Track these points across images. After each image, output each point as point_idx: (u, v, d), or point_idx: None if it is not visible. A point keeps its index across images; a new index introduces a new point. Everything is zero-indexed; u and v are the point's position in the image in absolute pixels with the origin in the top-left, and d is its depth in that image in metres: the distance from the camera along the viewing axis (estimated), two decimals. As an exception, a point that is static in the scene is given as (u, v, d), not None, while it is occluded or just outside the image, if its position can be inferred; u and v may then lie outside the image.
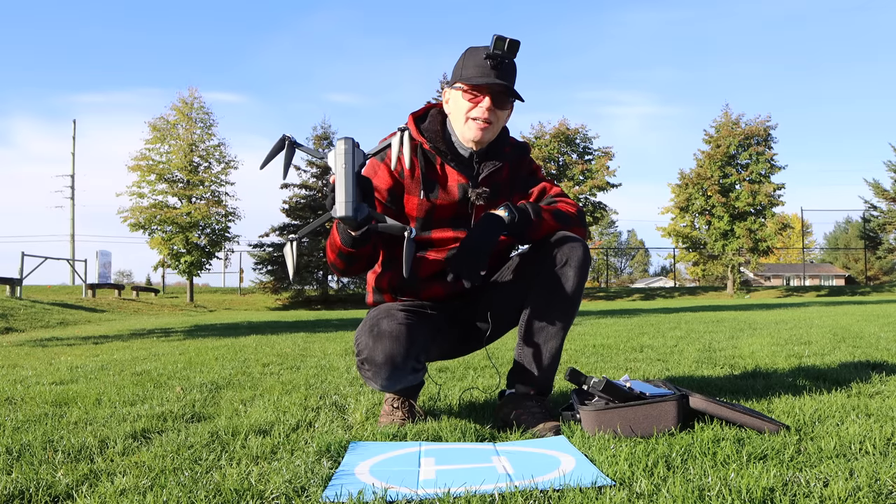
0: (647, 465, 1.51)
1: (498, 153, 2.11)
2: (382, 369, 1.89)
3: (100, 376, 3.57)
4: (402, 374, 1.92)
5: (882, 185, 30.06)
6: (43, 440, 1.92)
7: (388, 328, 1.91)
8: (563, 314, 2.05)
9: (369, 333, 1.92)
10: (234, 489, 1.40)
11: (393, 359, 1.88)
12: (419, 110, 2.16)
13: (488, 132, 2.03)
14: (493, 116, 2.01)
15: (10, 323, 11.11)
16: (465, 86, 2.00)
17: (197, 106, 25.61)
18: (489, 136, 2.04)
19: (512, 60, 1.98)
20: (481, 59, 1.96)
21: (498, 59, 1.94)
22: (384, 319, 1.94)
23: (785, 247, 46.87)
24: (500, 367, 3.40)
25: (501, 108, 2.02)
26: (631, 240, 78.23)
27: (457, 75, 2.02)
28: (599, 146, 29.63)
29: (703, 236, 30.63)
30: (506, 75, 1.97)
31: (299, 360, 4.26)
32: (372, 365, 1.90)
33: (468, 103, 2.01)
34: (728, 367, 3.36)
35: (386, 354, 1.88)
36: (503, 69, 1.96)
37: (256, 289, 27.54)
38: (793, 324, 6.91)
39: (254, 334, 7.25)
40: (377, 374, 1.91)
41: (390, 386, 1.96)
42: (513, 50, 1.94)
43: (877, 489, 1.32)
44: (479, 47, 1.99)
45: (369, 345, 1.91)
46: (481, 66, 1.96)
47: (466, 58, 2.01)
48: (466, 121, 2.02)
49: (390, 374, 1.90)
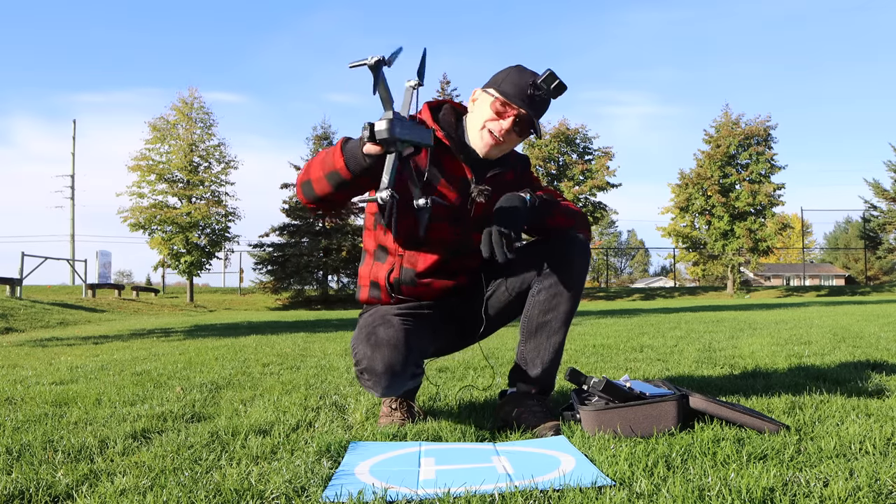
0: (647, 465, 1.51)
1: (504, 161, 2.12)
2: (382, 378, 1.88)
3: (100, 376, 3.57)
4: (402, 381, 1.92)
5: (882, 185, 30.06)
6: (43, 440, 1.92)
7: (385, 336, 1.90)
8: (565, 312, 2.05)
9: (367, 342, 1.91)
10: (234, 489, 1.40)
11: (392, 367, 1.87)
12: (434, 101, 2.15)
13: (496, 149, 2.02)
14: (507, 137, 2.00)
15: (10, 323, 11.11)
16: (499, 96, 1.98)
17: (197, 106, 25.61)
18: (495, 153, 2.04)
19: (550, 99, 1.98)
20: (525, 84, 1.95)
21: (540, 92, 1.94)
22: (381, 327, 1.93)
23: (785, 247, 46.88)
24: (499, 367, 3.40)
25: (518, 135, 2.02)
26: (631, 240, 78.28)
27: (496, 82, 2.00)
28: (599, 146, 29.64)
29: (703, 236, 30.62)
30: (538, 109, 1.97)
31: (299, 360, 4.26)
32: (372, 375, 1.89)
33: (492, 113, 1.99)
34: (728, 367, 3.36)
35: (385, 363, 1.87)
36: (539, 102, 1.96)
37: (256, 289, 27.53)
38: (793, 324, 6.91)
39: (254, 334, 7.25)
40: (377, 382, 1.90)
41: (390, 393, 1.96)
42: (558, 92, 1.94)
43: (877, 489, 1.32)
44: (529, 71, 1.98)
45: (367, 354, 1.89)
46: (523, 88, 1.95)
47: (512, 73, 1.99)
48: (483, 128, 2.00)
49: (390, 383, 1.90)
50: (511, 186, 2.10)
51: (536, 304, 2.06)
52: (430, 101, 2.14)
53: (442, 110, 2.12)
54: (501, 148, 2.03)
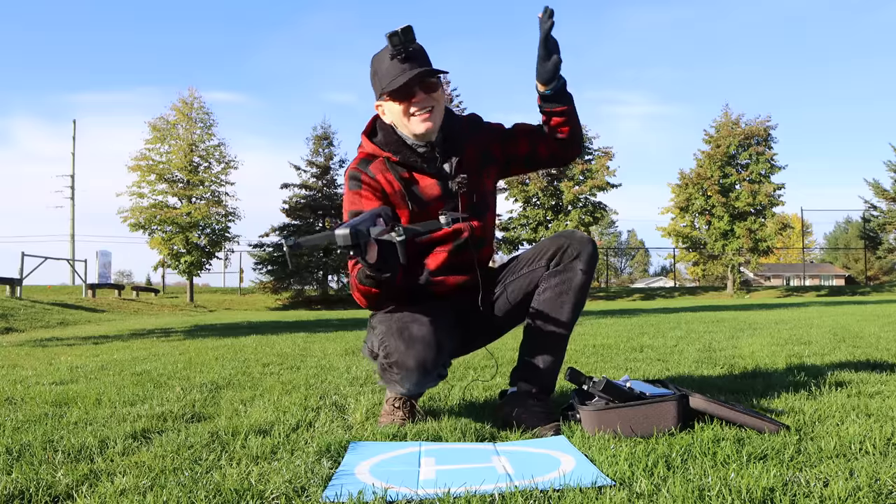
0: (647, 465, 1.51)
1: (456, 139, 2.11)
2: (413, 374, 1.89)
3: (100, 376, 3.57)
4: (430, 379, 1.94)
5: (882, 185, 30.06)
6: (43, 440, 1.92)
7: (419, 333, 1.91)
8: (570, 312, 2.06)
9: (399, 337, 1.92)
10: (234, 489, 1.40)
11: (424, 364, 1.89)
12: (367, 126, 2.15)
13: (434, 118, 2.02)
14: (430, 102, 2.01)
15: (10, 323, 11.11)
16: (392, 95, 1.99)
17: (197, 106, 25.63)
18: (437, 121, 2.04)
19: (415, 45, 1.97)
20: (390, 62, 1.96)
21: (402, 52, 1.94)
22: (413, 324, 1.94)
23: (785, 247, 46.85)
24: (501, 367, 3.40)
25: (433, 91, 2.02)
26: (631, 240, 78.25)
27: (379, 88, 2.02)
28: (599, 146, 29.59)
29: (703, 236, 30.60)
30: (418, 61, 1.97)
31: (299, 360, 4.26)
32: (402, 369, 1.90)
33: (402, 107, 2.00)
34: (728, 367, 3.36)
35: (418, 360, 1.88)
36: (412, 58, 1.96)
37: (256, 289, 27.53)
38: (793, 324, 6.91)
39: (254, 334, 7.25)
40: (406, 378, 1.91)
41: (416, 390, 1.98)
42: (409, 37, 1.92)
43: (877, 489, 1.32)
44: (382, 51, 1.99)
45: (401, 349, 1.90)
46: (394, 67, 1.96)
47: (377, 67, 2.01)
48: (409, 119, 2.01)
49: (419, 380, 1.91)
50: (476, 160, 2.12)
51: (541, 304, 2.06)
52: (364, 130, 2.14)
53: (378, 132, 2.11)
54: (437, 112, 2.03)
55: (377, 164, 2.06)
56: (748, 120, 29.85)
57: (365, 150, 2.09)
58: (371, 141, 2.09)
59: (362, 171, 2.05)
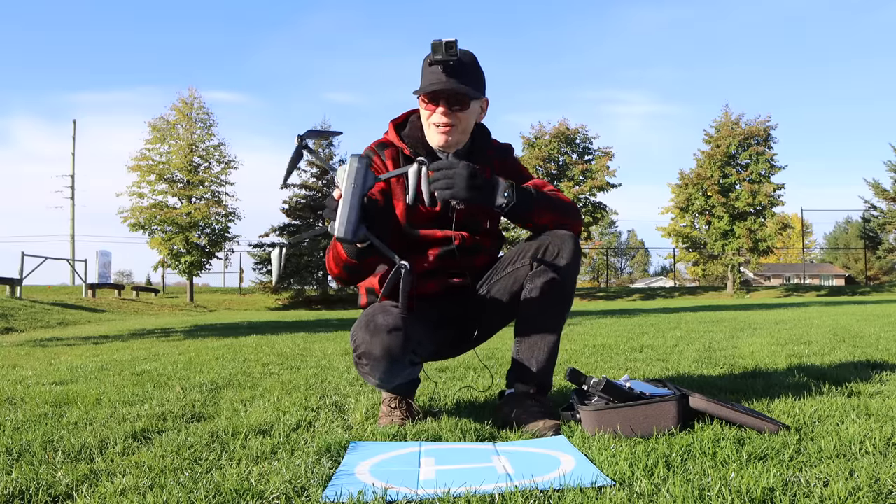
0: (647, 465, 1.51)
1: (479, 157, 2.12)
2: (381, 363, 1.89)
3: (100, 376, 3.57)
4: (400, 368, 1.92)
5: (882, 185, 30.06)
6: (43, 440, 1.92)
7: (384, 322, 1.91)
8: (558, 309, 2.07)
9: (365, 329, 1.92)
10: (234, 489, 1.40)
11: (391, 351, 1.88)
12: (399, 116, 2.18)
13: (452, 135, 2.04)
14: (452, 119, 2.02)
15: (10, 323, 11.11)
16: (421, 95, 2.02)
17: (197, 106, 25.64)
18: (454, 139, 2.05)
19: (459, 60, 1.98)
20: (429, 67, 1.98)
21: (443, 64, 1.95)
22: (379, 315, 1.94)
23: (785, 247, 46.87)
24: (498, 367, 3.40)
25: (459, 110, 2.02)
26: (631, 240, 78.28)
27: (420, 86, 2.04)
28: (599, 146, 29.61)
29: (703, 236, 30.61)
30: (456, 76, 1.97)
31: (299, 360, 4.26)
32: (370, 359, 1.90)
33: (427, 111, 2.04)
34: (728, 367, 3.36)
35: (383, 347, 1.88)
36: (452, 72, 1.97)
37: (256, 289, 27.55)
38: (793, 324, 6.91)
39: (254, 334, 7.25)
40: (375, 367, 1.90)
41: (388, 380, 1.95)
42: (451, 51, 1.92)
43: (877, 489, 1.32)
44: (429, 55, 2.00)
45: (366, 339, 1.90)
46: (433, 72, 1.98)
47: (423, 67, 2.03)
48: (429, 127, 2.05)
49: (388, 368, 1.90)
50: None
51: (529, 304, 2.07)
52: (395, 119, 2.16)
53: (407, 125, 2.14)
54: (457, 131, 2.04)
55: (391, 151, 2.11)
56: (748, 120, 29.87)
57: (387, 137, 2.15)
58: (396, 131, 2.13)
59: (376, 153, 2.11)
